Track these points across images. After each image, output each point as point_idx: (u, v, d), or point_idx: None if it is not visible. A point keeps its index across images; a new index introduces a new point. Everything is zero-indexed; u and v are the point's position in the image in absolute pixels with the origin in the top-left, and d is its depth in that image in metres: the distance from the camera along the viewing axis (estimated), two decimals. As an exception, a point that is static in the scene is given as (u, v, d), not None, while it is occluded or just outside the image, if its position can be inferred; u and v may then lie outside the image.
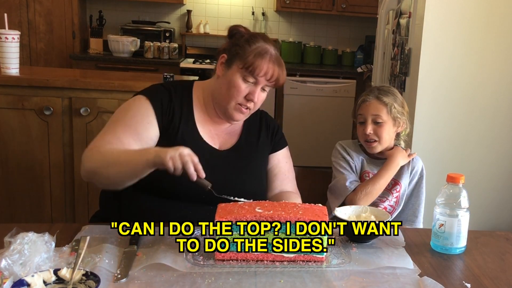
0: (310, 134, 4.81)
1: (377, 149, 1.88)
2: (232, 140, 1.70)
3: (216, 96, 1.64)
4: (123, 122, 1.55)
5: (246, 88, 1.58)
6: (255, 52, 1.57)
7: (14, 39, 2.56)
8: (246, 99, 1.59)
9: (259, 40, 1.61)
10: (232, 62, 1.60)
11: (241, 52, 1.58)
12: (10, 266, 1.11)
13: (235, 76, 1.58)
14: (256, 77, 1.57)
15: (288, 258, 1.28)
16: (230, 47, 1.62)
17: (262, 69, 1.56)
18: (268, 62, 1.58)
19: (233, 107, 1.61)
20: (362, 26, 5.30)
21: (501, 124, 2.73)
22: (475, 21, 2.61)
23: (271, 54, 1.60)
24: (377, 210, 1.53)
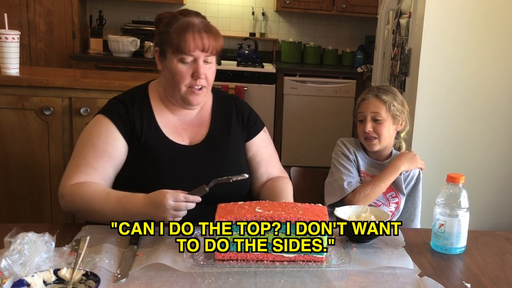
0: (310, 134, 4.81)
1: (376, 147, 1.88)
2: (202, 132, 1.65)
3: (167, 89, 1.61)
4: (91, 147, 1.54)
5: (188, 69, 1.54)
6: (178, 31, 1.53)
7: (14, 39, 2.56)
8: (194, 79, 1.55)
9: (178, 17, 1.57)
10: (164, 51, 1.57)
11: (166, 37, 1.54)
12: (10, 266, 1.11)
13: (172, 63, 1.54)
14: (190, 54, 1.52)
15: (288, 258, 1.28)
16: (157, 37, 1.59)
17: (191, 43, 1.51)
18: (193, 33, 1.52)
19: (185, 92, 1.57)
20: (362, 26, 5.30)
21: (501, 124, 2.73)
22: (475, 21, 2.61)
23: (194, 25, 1.54)
24: (377, 210, 1.53)
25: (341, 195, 1.82)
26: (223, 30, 5.19)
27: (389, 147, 1.94)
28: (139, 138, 1.57)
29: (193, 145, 1.63)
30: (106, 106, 1.63)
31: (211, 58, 1.57)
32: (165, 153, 1.57)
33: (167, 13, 1.63)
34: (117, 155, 1.55)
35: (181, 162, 1.57)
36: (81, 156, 1.53)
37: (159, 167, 1.56)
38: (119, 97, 1.65)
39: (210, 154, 1.62)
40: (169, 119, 1.63)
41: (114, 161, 1.55)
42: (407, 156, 1.87)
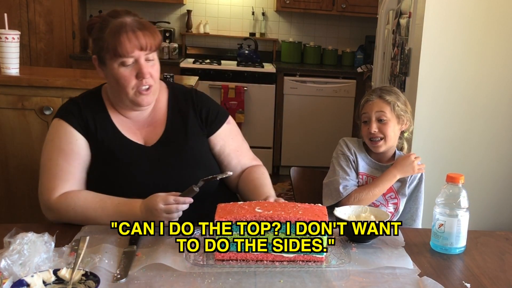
0: (310, 134, 4.81)
1: (382, 148, 1.87)
2: (157, 131, 1.62)
3: (114, 95, 1.58)
4: (58, 151, 1.53)
5: (131, 72, 1.50)
6: (111, 35, 1.48)
7: (14, 39, 2.56)
8: (139, 80, 1.51)
9: (109, 20, 1.51)
10: (103, 58, 1.52)
11: (102, 43, 1.49)
12: (10, 266, 1.11)
13: (113, 68, 1.50)
14: (129, 56, 1.48)
15: (288, 258, 1.28)
16: (93, 45, 1.56)
17: (128, 45, 1.46)
18: (127, 34, 1.47)
19: (133, 94, 1.53)
20: (362, 26, 5.29)
21: (501, 124, 2.73)
22: (475, 21, 2.61)
23: (126, 24, 1.49)
24: (376, 210, 1.53)
25: (337, 199, 1.82)
26: (223, 30, 5.20)
27: (393, 148, 1.93)
28: (96, 137, 1.56)
29: (149, 145, 1.60)
30: (60, 109, 1.62)
31: (152, 55, 1.53)
32: (124, 152, 1.57)
33: (97, 17, 1.57)
34: (84, 154, 1.55)
35: (139, 161, 1.56)
36: (53, 165, 1.53)
37: (118, 166, 1.55)
38: (73, 98, 1.64)
39: (167, 153, 1.59)
40: (123, 120, 1.61)
41: (84, 160, 1.55)
42: (403, 163, 1.86)
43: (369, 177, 1.90)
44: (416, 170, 1.87)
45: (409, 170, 1.86)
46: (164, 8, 5.11)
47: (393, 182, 1.85)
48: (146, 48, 1.50)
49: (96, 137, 1.56)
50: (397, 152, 1.95)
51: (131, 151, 1.57)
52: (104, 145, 1.56)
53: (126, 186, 1.52)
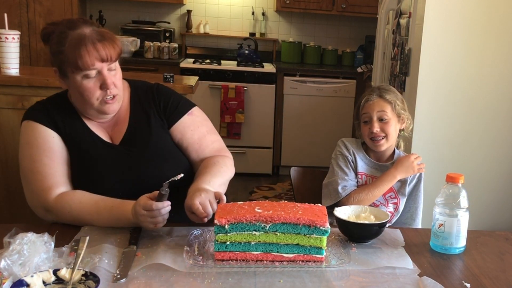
0: (310, 134, 4.81)
1: (384, 146, 1.88)
2: (122, 129, 1.62)
3: (79, 105, 1.57)
4: (39, 151, 1.52)
5: (94, 83, 1.50)
6: (71, 48, 1.46)
7: (14, 39, 2.56)
8: (104, 90, 1.51)
9: (67, 32, 1.48)
10: (64, 71, 1.51)
11: (62, 57, 1.48)
12: (10, 267, 1.11)
13: (76, 81, 1.49)
14: (90, 68, 1.47)
15: (287, 258, 1.28)
16: (52, 58, 1.53)
17: (89, 58, 1.45)
18: (87, 46, 1.45)
19: (98, 104, 1.53)
20: (362, 26, 5.29)
21: (501, 124, 2.73)
22: (475, 21, 2.61)
23: (86, 37, 1.47)
24: (376, 210, 1.53)
25: (335, 199, 1.82)
26: (223, 30, 5.20)
27: (392, 147, 1.94)
28: (66, 134, 1.56)
29: (116, 144, 1.61)
30: (27, 112, 1.60)
31: (114, 64, 1.52)
32: (94, 149, 1.57)
33: (52, 26, 1.53)
34: (62, 150, 1.55)
35: (109, 158, 1.57)
36: (40, 165, 1.51)
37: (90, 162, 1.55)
38: (38, 102, 1.64)
39: (132, 150, 1.59)
40: (90, 121, 1.61)
41: (65, 155, 1.55)
42: (403, 164, 1.86)
43: (368, 177, 1.90)
44: (416, 170, 1.87)
45: (409, 171, 1.86)
46: (164, 8, 5.11)
47: (393, 183, 1.85)
48: (107, 60, 1.48)
49: (66, 134, 1.56)
50: (396, 151, 1.95)
51: (100, 148, 1.58)
52: (75, 142, 1.56)
53: (99, 182, 1.53)
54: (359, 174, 1.89)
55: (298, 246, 1.28)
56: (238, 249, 1.27)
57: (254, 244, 1.27)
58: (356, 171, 1.90)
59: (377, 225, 1.43)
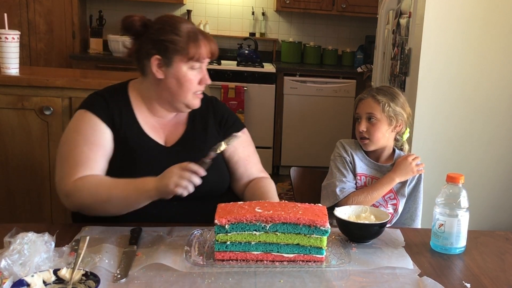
0: (310, 134, 4.81)
1: (370, 147, 1.87)
2: (178, 132, 1.66)
3: (166, 97, 1.59)
4: (84, 141, 1.53)
5: (195, 76, 1.57)
6: (189, 39, 1.53)
7: (14, 39, 2.56)
8: (200, 85, 1.59)
9: (180, 24, 1.55)
10: (171, 60, 1.54)
11: (176, 46, 1.52)
12: (10, 266, 1.11)
13: (182, 71, 1.55)
14: (201, 60, 1.56)
15: (287, 258, 1.28)
16: (155, 45, 1.54)
17: (205, 52, 1.55)
18: (204, 42, 1.55)
19: (191, 98, 1.59)
20: (362, 26, 5.29)
21: (501, 124, 2.73)
22: (475, 21, 2.61)
23: (199, 32, 1.56)
24: (376, 210, 1.53)
25: (334, 201, 1.82)
26: (223, 30, 5.20)
27: (389, 148, 1.92)
28: (119, 133, 1.57)
29: (169, 146, 1.63)
30: (86, 101, 1.62)
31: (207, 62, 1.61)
32: (144, 149, 1.58)
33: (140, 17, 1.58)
34: (108, 146, 1.56)
35: (158, 160, 1.56)
36: (78, 153, 1.51)
37: (137, 163, 1.56)
38: (98, 92, 1.65)
39: (186, 153, 1.59)
40: (148, 118, 1.63)
41: (108, 152, 1.55)
42: (401, 167, 1.85)
43: (367, 178, 1.89)
44: (416, 171, 1.86)
45: (408, 173, 1.85)
46: (164, 8, 5.11)
47: (392, 186, 1.85)
48: (214, 56, 1.59)
49: (120, 132, 1.57)
50: (396, 151, 1.94)
51: (150, 149, 1.59)
52: (126, 141, 1.57)
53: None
54: (358, 175, 1.89)
55: (299, 246, 1.28)
56: (239, 249, 1.27)
57: (254, 244, 1.27)
58: (354, 173, 1.89)
59: (377, 225, 1.43)
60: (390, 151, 1.94)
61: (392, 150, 1.95)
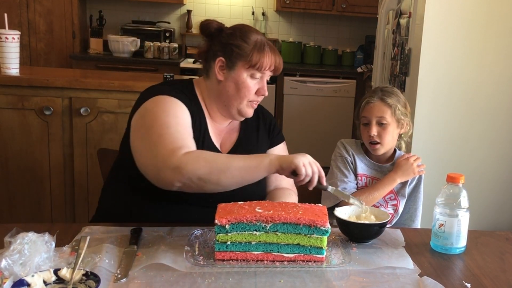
0: (310, 134, 4.81)
1: (380, 151, 1.87)
2: (232, 138, 1.69)
3: (223, 99, 1.61)
4: (177, 120, 1.48)
5: (255, 85, 1.59)
6: (255, 48, 1.56)
7: (14, 39, 2.56)
8: (257, 95, 1.61)
9: (251, 33, 1.59)
10: (233, 64, 1.57)
11: (241, 52, 1.56)
12: (10, 266, 1.11)
13: (242, 76, 1.57)
14: (262, 71, 1.58)
15: (288, 258, 1.28)
16: (223, 48, 1.58)
17: (267, 63, 1.57)
18: (269, 53, 1.58)
19: (245, 105, 1.60)
20: (362, 26, 5.30)
21: (501, 124, 2.73)
22: (475, 21, 2.61)
23: (267, 44, 1.59)
24: (377, 210, 1.53)
25: (334, 201, 1.81)
26: (223, 30, 5.19)
27: (391, 149, 1.93)
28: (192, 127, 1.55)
29: (224, 151, 1.65)
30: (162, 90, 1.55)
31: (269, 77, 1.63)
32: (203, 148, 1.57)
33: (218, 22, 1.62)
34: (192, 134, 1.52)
35: None
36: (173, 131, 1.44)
37: None
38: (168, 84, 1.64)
39: None
40: (212, 121, 1.66)
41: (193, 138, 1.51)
42: (402, 167, 1.85)
43: (368, 178, 1.90)
44: (417, 172, 1.86)
45: (410, 173, 1.85)
46: (164, 8, 5.11)
47: (393, 186, 1.85)
48: (276, 70, 1.61)
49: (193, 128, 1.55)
50: (397, 151, 1.94)
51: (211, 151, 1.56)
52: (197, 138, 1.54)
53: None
54: (359, 176, 1.89)
55: (299, 246, 1.28)
56: (239, 249, 1.27)
57: (254, 244, 1.27)
58: (355, 173, 1.89)
59: (377, 225, 1.43)
60: (391, 152, 1.94)
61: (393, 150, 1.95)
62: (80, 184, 2.71)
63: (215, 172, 1.37)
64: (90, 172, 2.68)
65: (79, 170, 2.69)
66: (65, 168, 2.69)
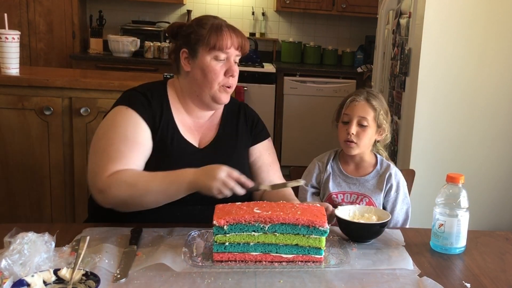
0: (310, 134, 4.81)
1: (355, 151, 1.78)
2: (211, 134, 1.68)
3: (194, 90, 1.62)
4: (121, 138, 1.51)
5: (221, 67, 1.58)
6: (211, 30, 1.57)
7: (14, 39, 2.56)
8: (227, 77, 1.60)
9: (206, 19, 1.61)
10: (195, 51, 1.58)
11: (199, 37, 1.57)
12: (10, 266, 1.11)
13: (205, 60, 1.57)
14: (225, 52, 1.57)
15: (286, 259, 1.28)
16: (185, 39, 1.61)
17: (227, 42, 1.57)
18: (227, 33, 1.58)
19: (217, 90, 1.60)
20: (362, 26, 5.30)
21: (501, 124, 2.73)
22: (475, 21, 2.61)
23: (226, 25, 1.60)
24: (379, 211, 1.53)
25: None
26: (223, 30, 5.19)
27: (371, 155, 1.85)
28: (157, 132, 1.58)
29: (202, 147, 1.65)
30: (127, 98, 1.61)
31: (238, 58, 1.63)
32: (178, 151, 1.59)
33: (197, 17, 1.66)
34: (147, 145, 1.55)
35: (191, 162, 1.54)
36: (114, 150, 1.49)
37: (170, 164, 1.55)
38: (138, 89, 1.65)
39: (217, 156, 1.62)
40: (185, 119, 1.65)
41: (145, 151, 1.54)
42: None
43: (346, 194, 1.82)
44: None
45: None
46: (164, 8, 5.11)
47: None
48: (240, 49, 1.60)
49: (158, 132, 1.58)
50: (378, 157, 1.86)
51: (184, 150, 1.60)
52: (162, 142, 1.58)
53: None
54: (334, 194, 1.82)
55: (297, 246, 1.28)
56: (237, 250, 1.27)
57: (253, 245, 1.27)
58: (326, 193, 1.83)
59: (378, 224, 1.43)
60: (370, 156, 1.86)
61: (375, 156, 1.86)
62: (80, 184, 2.71)
63: (136, 195, 1.42)
64: (90, 172, 2.68)
65: (79, 170, 2.69)
66: (65, 168, 2.69)
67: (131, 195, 1.42)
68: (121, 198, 1.43)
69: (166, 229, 1.45)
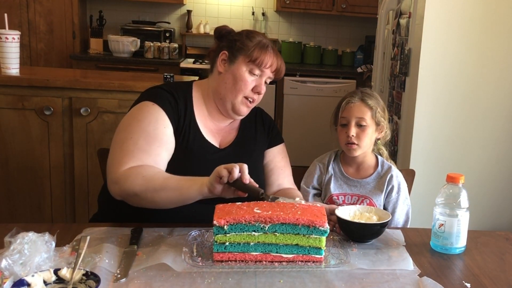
0: (310, 134, 4.81)
1: (357, 152, 1.79)
2: (231, 136, 1.72)
3: (220, 92, 1.65)
4: (141, 132, 1.52)
5: (252, 81, 1.63)
6: (258, 46, 1.63)
7: (14, 39, 2.56)
8: (253, 92, 1.64)
9: (257, 34, 1.67)
10: (235, 57, 1.63)
11: (244, 47, 1.62)
12: (10, 266, 1.11)
13: (241, 70, 1.62)
14: (262, 69, 1.63)
15: (286, 259, 1.28)
16: (229, 44, 1.66)
17: (267, 61, 1.62)
18: (271, 54, 1.63)
19: (240, 101, 1.64)
20: (362, 26, 5.30)
21: (501, 124, 2.73)
22: (475, 21, 2.61)
23: (272, 47, 1.66)
24: (380, 211, 1.52)
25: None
26: (223, 30, 5.20)
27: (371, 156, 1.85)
28: (181, 132, 1.59)
29: (223, 147, 1.68)
30: (154, 94, 1.61)
31: (269, 80, 1.68)
32: (199, 150, 1.61)
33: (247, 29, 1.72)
34: (169, 142, 1.56)
35: (212, 161, 1.53)
36: (131, 143, 1.50)
37: (191, 164, 1.57)
38: (164, 87, 1.66)
39: (236, 157, 1.60)
40: (206, 121, 1.68)
41: (166, 148, 1.55)
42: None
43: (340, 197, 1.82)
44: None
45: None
46: (164, 8, 5.11)
47: None
48: (275, 72, 1.66)
49: (181, 131, 1.59)
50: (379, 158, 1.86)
51: (205, 150, 1.62)
52: (184, 140, 1.59)
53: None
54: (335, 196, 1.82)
55: (297, 246, 1.28)
56: (237, 249, 1.27)
57: (253, 245, 1.27)
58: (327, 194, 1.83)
59: (378, 224, 1.43)
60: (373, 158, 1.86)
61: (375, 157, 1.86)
62: (80, 184, 2.71)
63: (150, 190, 1.41)
64: (90, 172, 2.69)
65: (79, 170, 2.69)
66: (65, 168, 2.69)
67: (145, 189, 1.41)
68: (135, 191, 1.41)
69: (167, 229, 1.45)
